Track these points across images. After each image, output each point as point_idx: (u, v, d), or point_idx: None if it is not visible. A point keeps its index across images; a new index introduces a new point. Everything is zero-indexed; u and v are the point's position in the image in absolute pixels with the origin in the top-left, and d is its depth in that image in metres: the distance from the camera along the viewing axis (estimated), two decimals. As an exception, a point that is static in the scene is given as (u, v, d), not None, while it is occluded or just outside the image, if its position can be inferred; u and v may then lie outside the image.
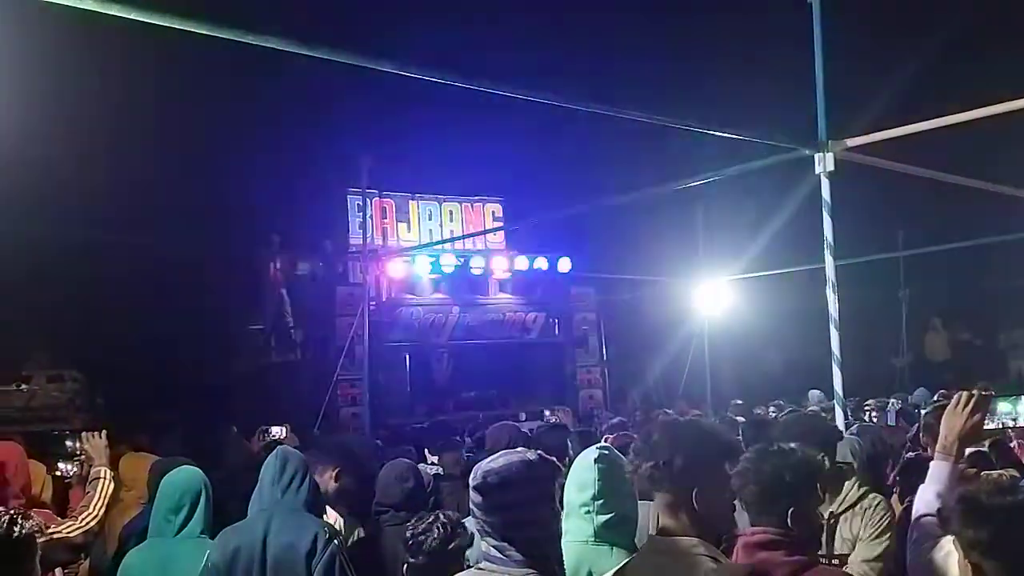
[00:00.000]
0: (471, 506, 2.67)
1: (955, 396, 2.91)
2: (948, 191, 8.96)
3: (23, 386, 13.52)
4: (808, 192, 7.17)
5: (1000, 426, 3.12)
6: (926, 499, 2.83)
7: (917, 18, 15.01)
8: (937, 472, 2.87)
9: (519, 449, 2.77)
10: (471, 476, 2.67)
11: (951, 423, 2.87)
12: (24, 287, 14.43)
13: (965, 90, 7.13)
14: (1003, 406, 3.11)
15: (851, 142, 6.34)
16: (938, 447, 2.90)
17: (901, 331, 16.67)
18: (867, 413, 9.33)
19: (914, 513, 2.86)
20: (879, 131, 6.45)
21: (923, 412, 6.48)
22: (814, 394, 11.57)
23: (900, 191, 13.04)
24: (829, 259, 6.26)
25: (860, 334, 11.36)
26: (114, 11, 4.07)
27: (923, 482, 2.93)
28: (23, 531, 2.78)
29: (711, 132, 6.58)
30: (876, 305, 16.28)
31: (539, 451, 2.77)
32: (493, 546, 2.58)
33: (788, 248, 12.50)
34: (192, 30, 4.29)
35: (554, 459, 2.76)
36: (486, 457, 2.74)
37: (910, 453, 5.70)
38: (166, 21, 4.23)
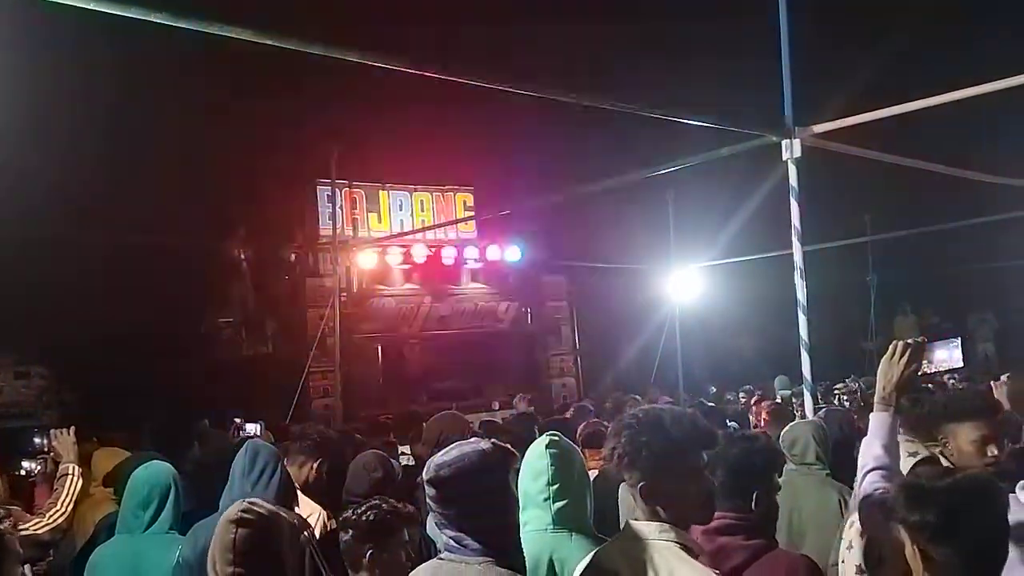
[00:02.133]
0: (427, 500, 2.67)
1: (891, 346, 2.92)
2: (915, 176, 9.05)
3: (-11, 382, 13.39)
4: (777, 178, 7.21)
5: (936, 371, 3.19)
6: (873, 453, 2.85)
7: (882, 4, 15.12)
8: (878, 424, 2.89)
9: (473, 439, 2.75)
10: (424, 470, 2.67)
11: (888, 374, 2.89)
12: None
13: (931, 76, 7.20)
14: (940, 353, 3.17)
15: (818, 128, 6.38)
16: (877, 398, 2.93)
17: (870, 315, 16.84)
18: (836, 397, 9.42)
19: (861, 467, 2.88)
20: (845, 117, 6.49)
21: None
22: (780, 380, 11.69)
23: (867, 176, 13.15)
24: (797, 245, 6.31)
25: (830, 319, 11.47)
26: (74, 1, 4.02)
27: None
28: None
29: (679, 120, 6.60)
30: (846, 290, 16.43)
31: (494, 440, 2.76)
32: (451, 537, 2.58)
33: (759, 234, 12.59)
34: (160, 21, 4.23)
35: (509, 447, 2.75)
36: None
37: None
38: (130, 12, 4.17)
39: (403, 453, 6.70)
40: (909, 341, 2.92)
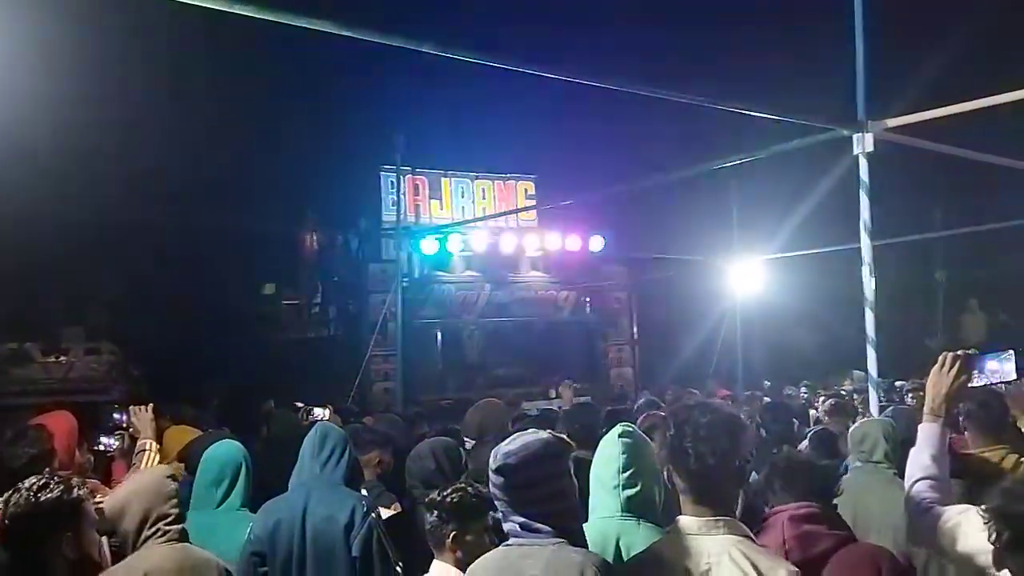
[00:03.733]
0: (492, 488, 2.76)
1: (940, 357, 2.93)
2: (986, 171, 8.86)
3: (61, 358, 13.75)
4: (842, 170, 7.12)
5: (988, 382, 3.19)
6: (921, 463, 2.86)
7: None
8: (927, 434, 2.90)
9: (531, 430, 2.85)
10: (491, 459, 2.76)
11: (938, 385, 2.90)
12: (60, 262, 14.67)
13: (1005, 70, 7.03)
14: (991, 364, 3.17)
15: (891, 122, 6.27)
16: (926, 409, 2.93)
17: (937, 312, 16.52)
18: (906, 394, 9.26)
19: (909, 477, 2.88)
20: (919, 112, 6.37)
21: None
22: (857, 374, 11.50)
23: (937, 171, 12.90)
24: (866, 240, 6.22)
25: (895, 315, 11.30)
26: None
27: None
28: (76, 494, 2.90)
29: (749, 112, 6.53)
30: (912, 286, 16.15)
31: (550, 431, 2.89)
32: (518, 523, 2.67)
33: (822, 228, 12.41)
34: (236, 12, 4.32)
35: (566, 437, 2.87)
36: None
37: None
38: (210, 3, 4.28)
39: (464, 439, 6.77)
40: (959, 352, 2.93)
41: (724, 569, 2.43)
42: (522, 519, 2.66)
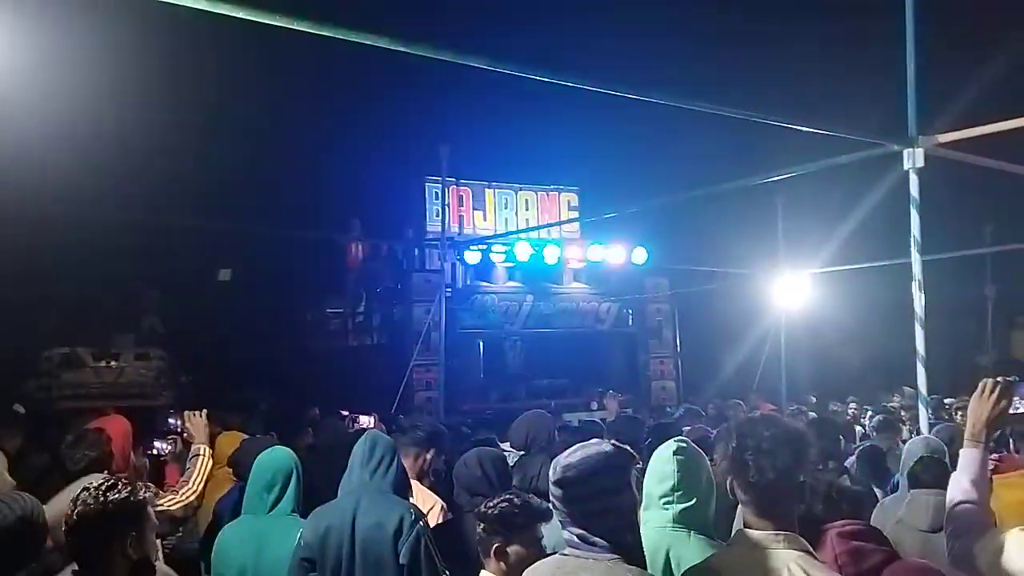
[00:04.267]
0: (551, 499, 2.75)
1: (980, 384, 2.96)
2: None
3: (112, 363, 13.99)
4: (889, 185, 7.06)
5: None
6: (962, 487, 2.88)
7: (1009, 10, 14.54)
8: (968, 459, 2.92)
9: (594, 441, 2.82)
10: (551, 470, 2.75)
11: (978, 411, 2.93)
12: (110, 270, 14.96)
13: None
14: None
15: (943, 138, 6.21)
16: (967, 435, 2.96)
17: (986, 328, 16.25)
18: (955, 411, 9.14)
19: (950, 501, 2.89)
20: (970, 126, 6.30)
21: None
22: (907, 390, 11.36)
23: (987, 186, 12.71)
24: (916, 256, 6.14)
25: (943, 331, 11.11)
26: (219, 9, 4.22)
27: None
28: (142, 496, 2.99)
29: (796, 127, 6.49)
30: (960, 301, 15.89)
31: (614, 441, 2.84)
32: (575, 535, 2.65)
33: (868, 242, 12.29)
34: (292, 27, 4.40)
35: (628, 448, 2.83)
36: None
37: (995, 453, 5.57)
38: (264, 18, 4.36)
39: (505, 450, 6.81)
40: (999, 379, 2.96)
41: (783, 583, 2.44)
42: (580, 531, 2.64)
